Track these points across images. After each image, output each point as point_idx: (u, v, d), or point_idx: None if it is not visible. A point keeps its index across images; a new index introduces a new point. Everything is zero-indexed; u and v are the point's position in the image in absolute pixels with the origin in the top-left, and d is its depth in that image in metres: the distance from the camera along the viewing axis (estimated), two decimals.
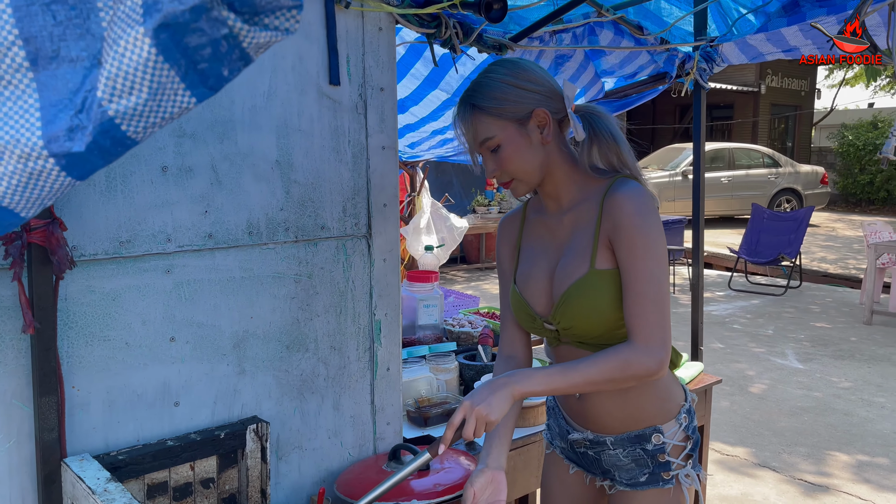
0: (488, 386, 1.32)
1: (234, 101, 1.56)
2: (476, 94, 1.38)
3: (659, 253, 1.33)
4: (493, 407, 1.29)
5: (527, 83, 1.38)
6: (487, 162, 1.42)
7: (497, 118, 1.36)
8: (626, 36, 2.35)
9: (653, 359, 1.30)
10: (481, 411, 1.28)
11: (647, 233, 1.32)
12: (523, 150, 1.37)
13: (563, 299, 1.41)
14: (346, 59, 1.71)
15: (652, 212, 1.34)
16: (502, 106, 1.36)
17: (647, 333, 1.30)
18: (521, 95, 1.37)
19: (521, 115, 1.37)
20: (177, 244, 1.51)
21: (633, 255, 1.32)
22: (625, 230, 1.32)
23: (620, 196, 1.34)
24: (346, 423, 1.81)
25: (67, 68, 0.68)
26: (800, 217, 8.47)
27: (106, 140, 0.69)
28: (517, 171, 1.39)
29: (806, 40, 2.09)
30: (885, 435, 4.16)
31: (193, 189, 1.52)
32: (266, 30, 0.65)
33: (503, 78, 1.38)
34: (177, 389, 1.54)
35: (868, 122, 17.88)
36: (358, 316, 1.80)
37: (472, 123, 1.39)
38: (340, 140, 1.72)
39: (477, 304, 3.02)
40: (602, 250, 1.37)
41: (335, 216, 1.73)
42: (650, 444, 1.45)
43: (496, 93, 1.36)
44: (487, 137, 1.38)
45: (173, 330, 1.52)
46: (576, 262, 1.40)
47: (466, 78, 2.43)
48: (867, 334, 6.40)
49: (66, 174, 0.72)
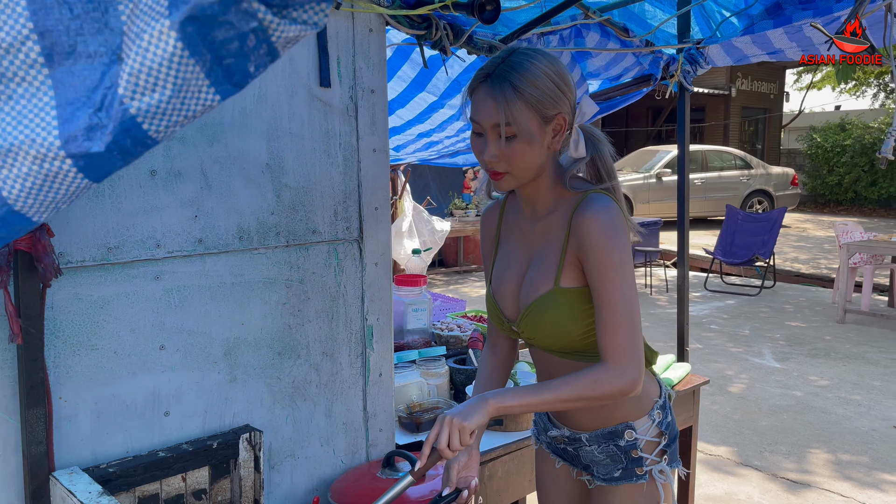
0: (464, 403, 1.34)
1: (223, 104, 1.52)
2: (519, 75, 1.30)
3: (628, 272, 1.34)
4: (466, 415, 1.29)
5: (564, 85, 1.34)
6: (490, 145, 1.33)
7: (529, 108, 1.30)
8: (612, 38, 2.35)
9: (625, 379, 1.31)
10: (454, 419, 1.28)
11: (616, 253, 1.32)
12: (535, 148, 1.34)
13: (527, 312, 1.43)
14: (336, 61, 1.69)
15: (619, 230, 1.34)
16: (541, 99, 1.30)
17: (619, 354, 1.31)
18: (557, 95, 1.33)
19: (549, 114, 1.33)
20: (166, 250, 1.47)
21: (603, 277, 1.32)
22: (593, 252, 1.33)
23: (588, 216, 1.34)
24: (339, 430, 1.78)
25: (85, 64, 0.65)
26: (773, 218, 8.59)
27: (126, 140, 0.65)
28: (517, 166, 1.35)
29: (791, 42, 2.11)
30: (863, 432, 4.23)
31: (183, 193, 1.49)
32: (295, 23, 0.62)
33: (547, 71, 1.32)
34: (167, 398, 1.50)
35: (835, 125, 18.22)
36: (350, 321, 1.77)
37: (504, 102, 1.29)
38: (331, 143, 1.70)
39: (464, 308, 3.01)
40: (567, 268, 1.38)
41: (326, 220, 1.71)
42: (623, 440, 1.47)
43: (539, 83, 1.30)
44: (511, 123, 1.30)
45: (163, 338, 1.48)
46: (541, 277, 1.42)
47: (454, 80, 2.42)
48: (841, 333, 6.50)
49: (84, 176, 0.69)
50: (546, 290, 1.40)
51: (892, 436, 4.16)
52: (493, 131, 1.33)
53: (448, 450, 1.28)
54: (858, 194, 17.16)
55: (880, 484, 3.57)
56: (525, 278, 1.46)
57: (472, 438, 1.31)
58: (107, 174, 0.70)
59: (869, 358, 5.69)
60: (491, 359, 1.66)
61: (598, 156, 1.42)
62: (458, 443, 1.28)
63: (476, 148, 1.38)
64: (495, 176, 1.38)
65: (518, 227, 1.52)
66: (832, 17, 1.90)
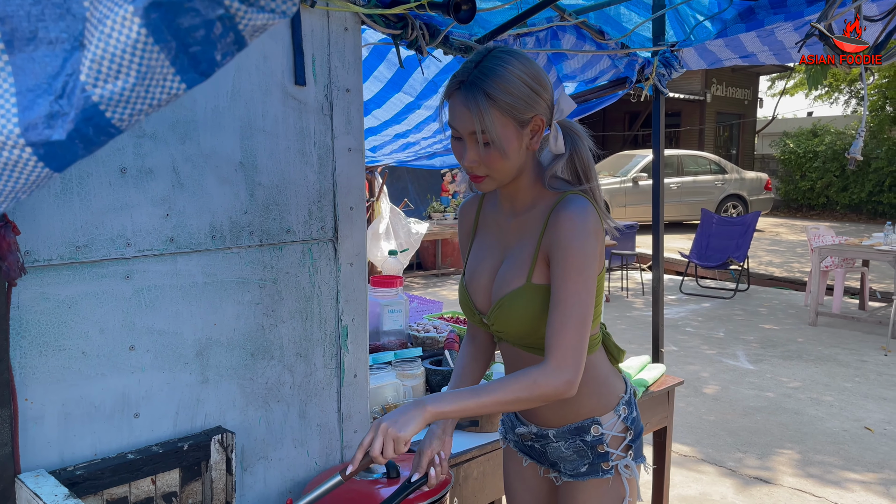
0: (401, 408, 1.33)
1: (196, 101, 1.51)
2: (492, 82, 1.28)
3: (590, 277, 1.34)
4: (402, 424, 1.28)
5: (539, 87, 1.33)
6: (469, 151, 1.34)
7: (504, 115, 1.30)
8: (587, 41, 2.37)
9: (561, 380, 1.31)
10: (390, 429, 1.28)
11: (582, 256, 1.33)
12: (513, 151, 1.34)
13: (498, 306, 1.44)
14: (311, 60, 1.68)
15: (592, 234, 1.34)
16: (515, 105, 1.30)
17: (560, 354, 1.32)
18: (532, 99, 1.32)
19: (525, 119, 1.32)
20: (136, 249, 1.45)
21: (564, 275, 1.33)
22: (561, 250, 1.34)
23: (565, 215, 1.35)
24: (313, 431, 1.76)
25: (46, 51, 0.63)
26: (747, 222, 8.69)
27: (89, 128, 0.63)
28: (496, 170, 1.35)
29: (763, 46, 2.14)
30: (835, 433, 4.28)
31: (154, 191, 1.47)
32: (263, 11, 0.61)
33: (521, 76, 1.30)
34: (137, 400, 1.48)
35: (808, 131, 18.52)
36: (324, 322, 1.76)
37: (478, 111, 1.28)
38: (306, 142, 1.69)
39: (441, 309, 3.00)
40: (540, 265, 1.40)
41: (301, 219, 1.69)
42: (589, 436, 1.49)
43: (513, 89, 1.29)
44: (486, 131, 1.30)
45: (133, 338, 1.46)
46: (514, 272, 1.43)
47: (430, 81, 2.42)
48: (813, 335, 6.59)
49: (44, 165, 0.67)
50: (518, 285, 1.41)
51: (863, 436, 4.23)
52: (470, 138, 1.34)
53: (381, 457, 1.28)
54: (830, 199, 17.46)
55: (852, 483, 3.62)
56: (498, 272, 1.48)
57: (407, 447, 1.30)
58: (68, 163, 0.68)
59: (840, 360, 5.78)
60: (470, 349, 1.68)
61: (577, 153, 1.42)
62: (391, 451, 1.28)
63: (456, 152, 1.39)
64: (476, 179, 1.39)
65: (495, 222, 1.53)
66: (803, 20, 1.92)
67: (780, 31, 2.00)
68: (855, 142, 1.73)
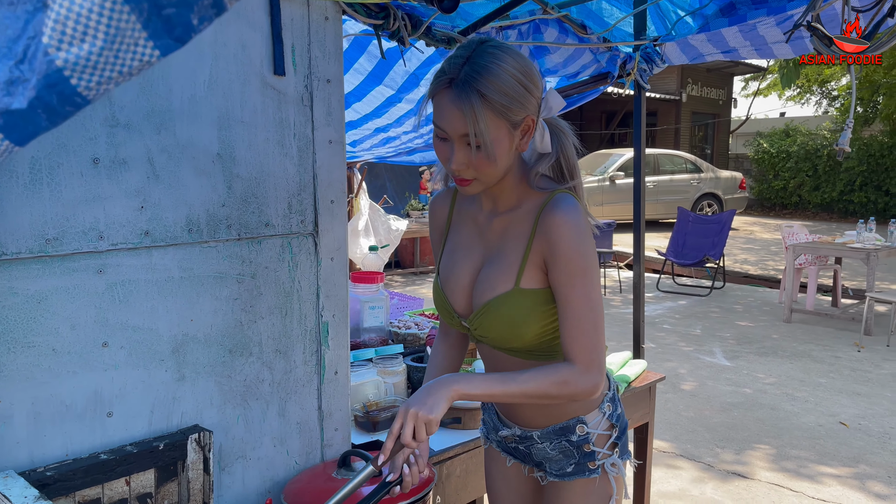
0: (425, 388, 1.29)
1: (171, 90, 1.47)
2: (486, 81, 1.20)
3: (595, 276, 1.33)
4: (430, 406, 1.25)
5: (531, 85, 1.27)
6: (458, 154, 1.26)
7: (498, 117, 1.22)
8: (570, 34, 2.35)
9: (591, 382, 1.31)
10: (420, 412, 1.24)
11: (585, 257, 1.30)
12: (504, 154, 1.28)
13: (483, 311, 1.39)
14: (291, 49, 1.64)
15: (587, 234, 1.32)
16: (510, 107, 1.23)
17: (586, 357, 1.31)
18: (526, 99, 1.26)
19: (517, 119, 1.26)
20: (110, 242, 1.40)
21: (571, 281, 1.30)
22: (562, 254, 1.30)
23: (558, 217, 1.30)
24: (293, 429, 1.73)
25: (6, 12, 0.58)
26: (723, 220, 8.78)
27: (52, 95, 0.59)
28: (486, 174, 1.29)
29: (745, 41, 2.14)
30: (810, 428, 4.33)
31: (128, 183, 1.42)
32: None
33: (515, 75, 1.23)
34: (110, 398, 1.43)
35: (781, 131, 18.76)
36: (304, 318, 1.72)
37: (472, 113, 1.20)
38: (285, 133, 1.65)
39: (422, 306, 2.97)
40: (530, 269, 1.35)
41: (280, 213, 1.65)
42: (574, 436, 1.46)
43: (508, 89, 1.22)
44: (479, 134, 1.22)
45: (106, 334, 1.41)
46: (500, 275, 1.37)
47: (412, 74, 2.39)
48: (787, 332, 6.67)
49: (4, 136, 0.62)
50: (505, 289, 1.36)
51: (838, 431, 4.27)
52: (460, 140, 1.26)
53: (413, 441, 1.25)
54: (802, 198, 17.71)
55: (828, 478, 3.66)
56: (481, 274, 1.42)
57: (436, 429, 1.27)
58: (31, 136, 0.64)
59: (814, 356, 5.85)
60: (443, 347, 1.64)
61: (563, 152, 1.38)
62: (424, 434, 1.25)
63: (441, 154, 1.31)
64: (462, 182, 1.32)
65: (473, 219, 1.48)
66: (785, 15, 1.92)
67: (762, 25, 2.00)
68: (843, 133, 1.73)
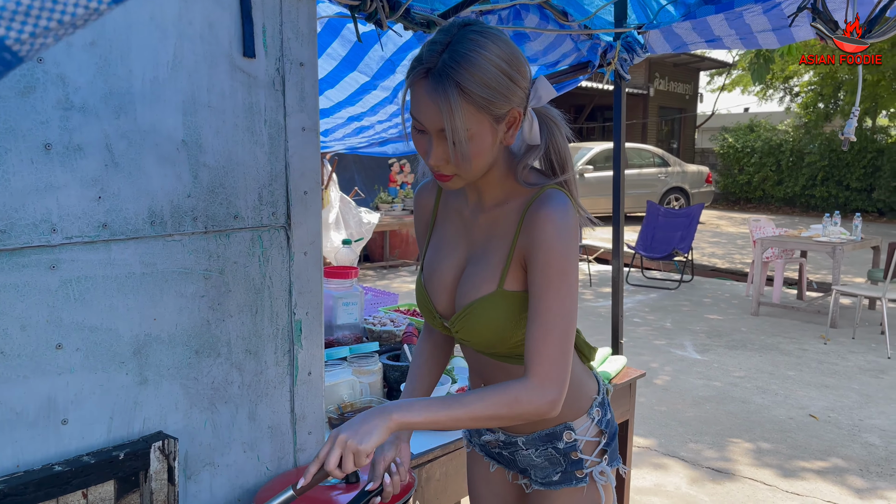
0: (362, 415, 1.19)
1: (132, 71, 1.36)
2: (465, 72, 1.11)
3: (573, 283, 1.21)
4: (363, 435, 1.15)
5: (518, 77, 1.17)
6: (436, 148, 1.18)
7: (479, 111, 1.13)
8: (551, 21, 2.28)
9: (545, 399, 1.19)
10: (349, 441, 1.14)
11: (564, 260, 1.20)
12: (486, 149, 1.19)
13: (465, 313, 1.31)
14: (262, 30, 1.53)
15: (573, 235, 1.22)
16: (492, 100, 1.13)
17: (544, 371, 1.19)
18: (511, 91, 1.16)
19: (501, 113, 1.17)
20: (64, 235, 1.29)
21: (545, 283, 1.20)
22: (541, 252, 1.20)
23: (544, 214, 1.21)
24: (264, 434, 1.63)
25: None
26: (692, 214, 8.83)
27: None
28: (467, 170, 1.20)
29: (730, 30, 2.09)
30: (781, 421, 4.35)
31: (84, 171, 1.31)
32: None
33: (499, 64, 1.13)
34: (65, 404, 1.32)
35: (745, 126, 19.04)
36: (276, 316, 1.62)
37: (448, 107, 1.11)
38: (256, 119, 1.54)
39: (396, 301, 2.88)
40: (514, 269, 1.26)
41: (250, 204, 1.55)
42: (561, 443, 1.38)
43: (490, 80, 1.12)
44: (455, 130, 1.13)
45: (60, 335, 1.30)
46: (483, 276, 1.29)
47: (388, 60, 2.29)
48: (755, 325, 6.73)
49: None
50: (488, 291, 1.28)
51: (808, 424, 4.30)
52: (438, 134, 1.17)
53: (338, 471, 1.15)
54: (766, 193, 18.01)
55: (800, 471, 3.67)
56: (464, 274, 1.34)
57: (368, 460, 1.17)
58: None
59: (782, 348, 5.90)
60: (427, 345, 1.55)
61: (553, 144, 1.29)
62: (350, 465, 1.15)
63: (419, 147, 1.22)
64: (442, 178, 1.23)
65: (458, 213, 1.39)
66: (772, 3, 1.87)
67: (749, 13, 1.95)
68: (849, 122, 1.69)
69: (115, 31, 1.33)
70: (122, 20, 1.34)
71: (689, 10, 2.34)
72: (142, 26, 1.36)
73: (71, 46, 1.28)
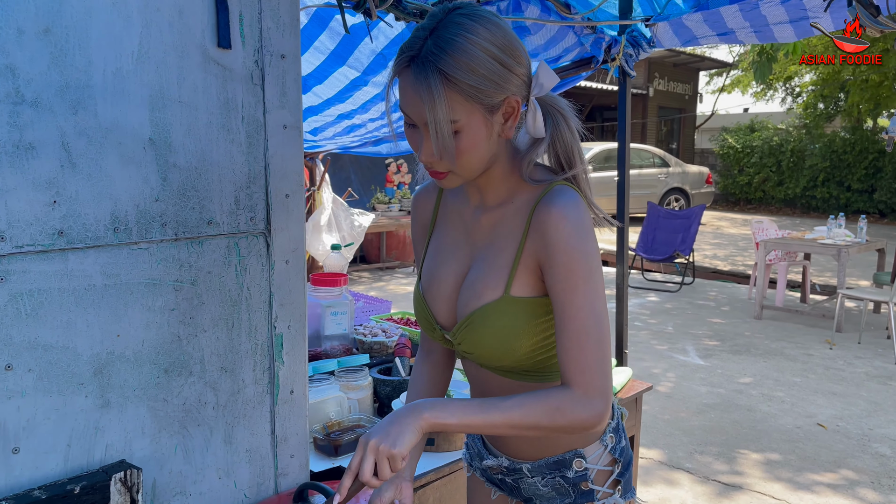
0: (391, 416, 1.09)
1: (92, 62, 1.22)
2: (449, 59, 1.01)
3: (598, 283, 1.11)
4: (395, 438, 1.04)
5: (512, 62, 1.06)
6: (426, 143, 1.09)
7: (468, 100, 1.03)
8: (552, 14, 2.15)
9: (591, 410, 1.08)
10: (381, 445, 1.04)
11: (587, 260, 1.09)
12: (480, 143, 1.08)
13: (467, 323, 1.19)
14: (238, 18, 1.40)
15: (590, 231, 1.11)
16: (481, 87, 1.03)
17: (586, 380, 1.08)
18: (504, 77, 1.05)
19: (494, 103, 1.06)
20: (13, 244, 1.16)
21: (571, 288, 1.09)
22: (560, 255, 1.09)
23: (554, 212, 1.10)
24: (241, 458, 1.50)
25: None
26: (693, 215, 8.70)
27: None
28: (462, 166, 1.09)
29: (744, 22, 1.96)
30: (788, 430, 4.22)
31: (37, 172, 1.17)
32: None
33: (487, 47, 1.03)
34: (15, 431, 1.19)
35: (746, 126, 18.93)
36: (254, 330, 1.49)
37: (430, 98, 1.02)
38: (232, 116, 1.41)
39: (389, 309, 2.74)
40: (522, 274, 1.14)
41: (225, 209, 1.42)
42: (571, 471, 1.25)
43: (478, 66, 1.02)
44: (438, 122, 1.03)
45: (9, 355, 1.17)
46: (488, 281, 1.17)
47: (379, 53, 2.16)
48: (759, 329, 6.60)
49: None
50: (493, 297, 1.15)
51: (817, 433, 4.17)
52: (426, 128, 1.07)
53: (374, 479, 1.04)
54: (767, 193, 17.90)
55: (810, 484, 3.54)
56: (466, 280, 1.21)
57: (403, 464, 1.06)
58: None
59: (787, 354, 5.77)
60: (425, 368, 1.43)
61: (559, 136, 1.17)
62: (387, 472, 1.04)
63: (412, 142, 1.12)
64: (437, 175, 1.12)
65: (459, 215, 1.27)
66: None
67: (766, 4, 1.82)
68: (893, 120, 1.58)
69: (73, 18, 1.20)
70: (80, 5, 1.20)
71: (697, 2, 2.21)
72: (103, 12, 1.23)
73: (22, 34, 1.15)
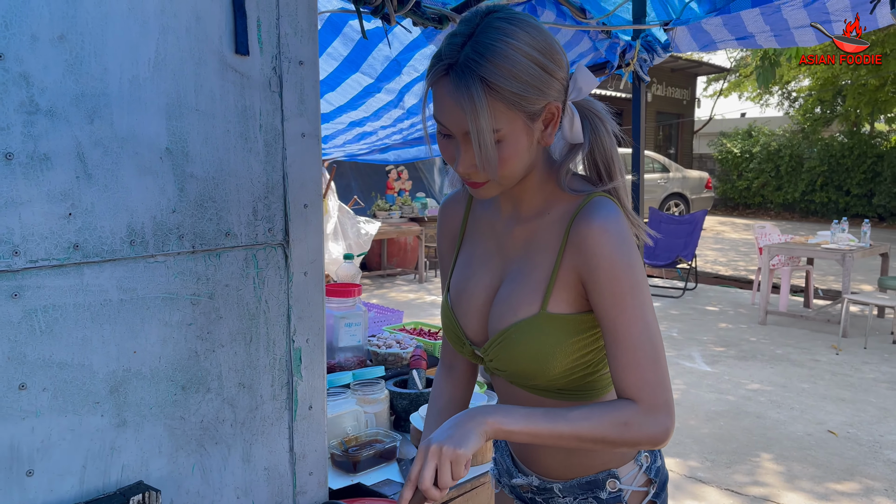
0: (451, 421, 1.03)
1: (107, 70, 1.18)
2: (492, 66, 0.97)
3: (646, 296, 1.07)
4: (458, 439, 0.99)
5: (554, 67, 1.02)
6: (465, 153, 1.04)
7: (510, 108, 0.99)
8: (568, 18, 2.12)
9: (659, 426, 1.05)
10: (444, 447, 0.98)
11: (632, 272, 1.05)
12: (522, 151, 1.04)
13: (501, 339, 1.15)
14: (256, 24, 1.37)
15: (632, 244, 1.07)
16: (525, 94, 0.99)
17: (648, 397, 1.04)
18: (546, 83, 1.01)
19: (536, 110, 1.02)
20: (27, 258, 1.11)
21: (619, 302, 1.05)
22: (604, 271, 1.05)
23: (595, 226, 1.06)
24: (259, 477, 1.45)
25: None
26: (694, 220, 8.68)
27: None
28: (503, 175, 1.05)
29: (765, 26, 1.93)
30: (799, 437, 4.18)
31: (52, 184, 1.13)
32: None
33: (529, 52, 0.99)
34: (29, 453, 1.14)
35: (744, 131, 18.95)
36: (273, 344, 1.45)
37: (473, 107, 0.98)
38: (250, 124, 1.37)
39: (401, 320, 2.70)
40: (560, 290, 1.10)
41: (243, 220, 1.38)
42: (604, 492, 1.20)
43: (521, 72, 0.98)
44: (481, 132, 0.99)
45: (24, 374, 1.12)
46: (523, 296, 1.13)
47: (393, 60, 2.12)
48: (764, 334, 6.57)
49: None
50: (529, 313, 1.11)
51: (828, 440, 4.13)
52: (465, 138, 1.03)
53: (435, 489, 0.98)
54: (765, 198, 17.91)
55: (825, 492, 3.50)
56: (498, 294, 1.17)
57: (467, 470, 1.01)
58: None
59: (793, 359, 5.74)
60: (447, 386, 1.38)
61: (598, 142, 1.13)
62: (448, 478, 0.98)
63: (446, 153, 1.08)
64: (473, 185, 1.08)
65: (490, 226, 1.22)
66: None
67: (788, 7, 1.79)
68: None
69: (88, 24, 1.16)
70: (96, 11, 1.16)
71: (715, 6, 2.18)
72: (119, 18, 1.19)
73: (36, 41, 1.11)
